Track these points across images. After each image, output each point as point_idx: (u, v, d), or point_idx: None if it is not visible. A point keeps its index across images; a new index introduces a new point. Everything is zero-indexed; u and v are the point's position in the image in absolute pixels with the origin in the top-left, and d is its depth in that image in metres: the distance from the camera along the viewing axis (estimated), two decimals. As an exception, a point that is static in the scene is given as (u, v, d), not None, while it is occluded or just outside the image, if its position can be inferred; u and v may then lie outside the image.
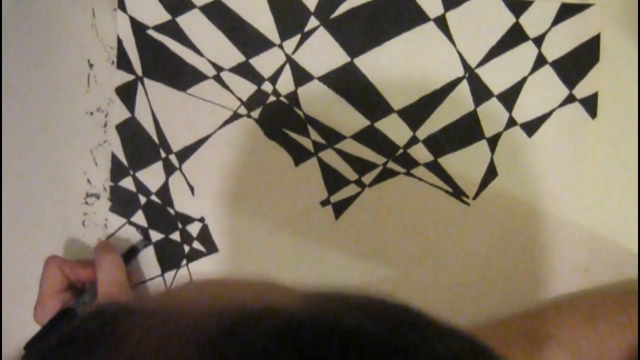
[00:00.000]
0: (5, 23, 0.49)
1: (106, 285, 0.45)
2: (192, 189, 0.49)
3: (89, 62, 0.49)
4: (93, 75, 0.49)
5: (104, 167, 0.49)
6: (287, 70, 0.48)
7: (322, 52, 0.47)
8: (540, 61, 0.47)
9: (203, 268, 0.49)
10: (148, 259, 0.49)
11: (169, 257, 0.49)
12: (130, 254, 0.49)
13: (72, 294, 0.46)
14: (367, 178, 0.48)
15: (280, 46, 0.47)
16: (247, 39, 0.47)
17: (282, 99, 0.48)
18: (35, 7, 0.49)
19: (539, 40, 0.46)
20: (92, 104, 0.49)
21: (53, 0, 0.49)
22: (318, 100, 0.47)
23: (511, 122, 0.47)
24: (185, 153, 0.48)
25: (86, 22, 0.49)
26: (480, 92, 0.47)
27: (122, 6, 0.48)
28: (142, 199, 0.49)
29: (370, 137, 0.47)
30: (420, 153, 0.48)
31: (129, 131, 0.49)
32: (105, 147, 0.49)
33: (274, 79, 0.48)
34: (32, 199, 0.50)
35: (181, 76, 0.48)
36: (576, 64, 0.47)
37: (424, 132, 0.47)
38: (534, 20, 0.46)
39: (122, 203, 0.49)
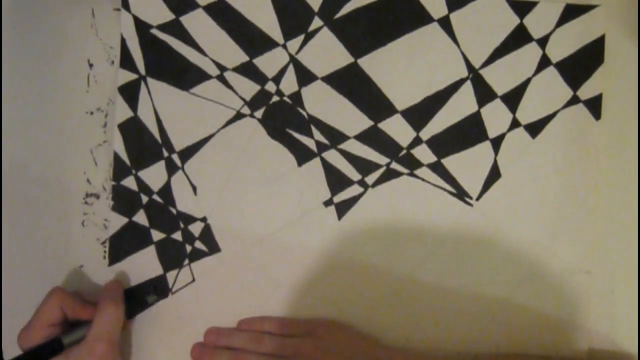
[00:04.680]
0: (5, 23, 0.49)
1: (96, 336, 0.44)
2: (194, 188, 0.48)
3: (89, 62, 0.49)
4: (93, 75, 0.49)
5: (104, 167, 0.49)
6: (291, 70, 0.47)
7: (325, 52, 0.47)
8: (544, 62, 0.47)
9: (205, 268, 0.49)
10: (150, 259, 0.49)
11: (171, 256, 0.49)
12: (137, 305, 0.49)
13: (62, 327, 0.45)
14: (370, 178, 0.48)
15: (284, 46, 0.47)
16: (251, 39, 0.47)
17: (285, 99, 0.48)
18: (35, 7, 0.49)
19: (543, 41, 0.46)
20: (92, 104, 0.49)
21: (53, 0, 0.49)
22: (321, 101, 0.47)
23: (515, 123, 0.47)
24: (188, 152, 0.48)
25: (86, 21, 0.49)
26: (484, 93, 0.47)
27: (125, 5, 0.48)
28: (144, 199, 0.49)
29: (373, 137, 0.47)
30: (424, 154, 0.47)
31: (132, 130, 0.48)
32: (105, 147, 0.49)
33: (277, 78, 0.48)
34: (31, 198, 0.50)
35: (184, 75, 0.48)
36: (580, 65, 0.47)
37: (427, 132, 0.47)
38: (538, 21, 0.46)
39: (124, 202, 0.49)
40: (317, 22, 0.47)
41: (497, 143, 0.47)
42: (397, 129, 0.47)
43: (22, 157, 0.50)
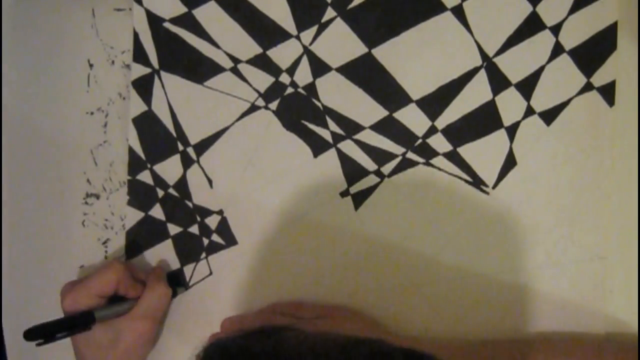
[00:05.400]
0: (5, 23, 0.49)
1: (143, 313, 0.44)
2: (210, 181, 0.48)
3: (89, 62, 0.49)
4: (93, 76, 0.49)
5: (104, 167, 0.49)
6: (305, 61, 0.47)
7: (339, 43, 0.47)
8: (557, 50, 0.47)
9: (222, 261, 0.49)
10: (167, 253, 0.49)
11: (188, 250, 0.49)
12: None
13: (107, 300, 0.45)
14: (387, 168, 0.48)
15: (298, 37, 0.47)
16: (264, 31, 0.47)
17: (300, 90, 0.48)
18: (36, 7, 0.49)
19: (556, 29, 0.47)
20: (92, 104, 0.49)
21: (53, 0, 0.49)
22: (336, 91, 0.47)
23: (529, 111, 0.47)
24: (203, 146, 0.48)
25: (86, 21, 0.49)
26: (498, 81, 0.47)
27: (137, -1, 0.48)
28: (160, 193, 0.49)
29: (389, 127, 0.47)
30: (439, 143, 0.47)
31: (146, 124, 0.48)
32: (105, 147, 0.49)
33: (291, 70, 0.48)
34: (32, 198, 0.50)
35: (198, 69, 0.48)
36: (593, 52, 0.47)
37: (442, 121, 0.47)
38: (551, 9, 0.46)
39: (140, 197, 0.49)
40: (330, 12, 0.47)
41: (512, 131, 0.47)
42: (413, 118, 0.47)
43: (22, 157, 0.50)
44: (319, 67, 0.47)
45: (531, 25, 0.47)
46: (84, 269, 0.50)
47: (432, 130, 0.47)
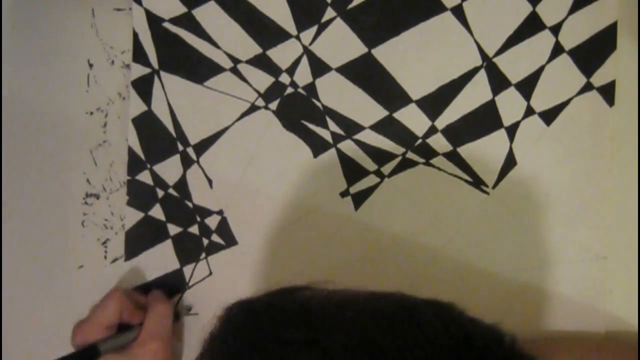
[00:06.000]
0: (5, 23, 0.49)
1: (150, 334, 0.44)
2: (210, 181, 0.48)
3: (89, 62, 0.49)
4: (93, 75, 0.49)
5: (104, 167, 0.49)
6: (305, 61, 0.47)
7: (339, 43, 0.47)
8: (557, 50, 0.47)
9: (222, 261, 0.49)
10: (166, 253, 0.49)
11: (188, 250, 0.49)
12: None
13: (114, 330, 0.45)
14: (387, 168, 0.48)
15: (297, 37, 0.47)
16: (264, 31, 0.47)
17: (300, 90, 0.48)
18: (35, 7, 0.49)
19: (556, 29, 0.47)
20: (92, 104, 0.49)
21: (53, 0, 0.49)
22: (336, 91, 0.47)
23: (529, 111, 0.47)
24: (203, 146, 0.48)
25: (86, 21, 0.49)
26: (498, 81, 0.47)
27: (137, -1, 0.48)
28: (160, 193, 0.49)
29: (389, 127, 0.47)
30: (439, 143, 0.47)
31: (146, 124, 0.48)
32: (105, 147, 0.49)
33: (291, 70, 0.47)
34: (31, 198, 0.50)
35: (198, 69, 0.48)
36: (593, 52, 0.47)
37: (442, 121, 0.47)
38: (550, 9, 0.46)
39: (140, 197, 0.49)
40: (330, 12, 0.47)
41: (512, 131, 0.47)
42: (412, 118, 0.47)
43: (22, 157, 0.50)
44: (319, 67, 0.47)
45: (531, 25, 0.47)
46: (83, 269, 0.50)
47: (432, 130, 0.47)
